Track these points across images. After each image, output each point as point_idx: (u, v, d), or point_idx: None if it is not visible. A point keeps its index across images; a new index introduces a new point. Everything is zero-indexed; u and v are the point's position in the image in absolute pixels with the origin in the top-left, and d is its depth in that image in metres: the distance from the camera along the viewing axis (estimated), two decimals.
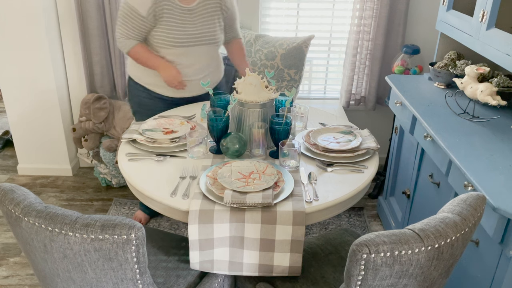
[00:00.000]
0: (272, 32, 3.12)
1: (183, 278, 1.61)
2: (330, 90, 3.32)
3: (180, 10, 2.09)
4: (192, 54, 2.17)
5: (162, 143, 1.81)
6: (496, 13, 1.92)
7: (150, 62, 2.15)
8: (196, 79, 2.23)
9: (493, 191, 1.45)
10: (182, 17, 2.10)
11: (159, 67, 2.13)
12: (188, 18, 2.11)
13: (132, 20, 2.07)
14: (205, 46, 2.19)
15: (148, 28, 2.10)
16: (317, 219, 1.52)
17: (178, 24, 2.10)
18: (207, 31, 2.17)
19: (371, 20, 2.89)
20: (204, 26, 2.15)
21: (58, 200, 2.99)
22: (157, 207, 1.56)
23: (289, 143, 1.65)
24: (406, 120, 2.26)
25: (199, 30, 2.14)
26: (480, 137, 1.82)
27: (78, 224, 1.12)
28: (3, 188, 1.22)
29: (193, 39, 2.14)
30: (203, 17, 2.15)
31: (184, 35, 2.11)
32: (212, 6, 2.17)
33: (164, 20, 2.08)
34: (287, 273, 1.50)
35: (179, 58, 2.16)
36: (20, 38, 2.84)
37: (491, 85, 1.96)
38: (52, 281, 1.27)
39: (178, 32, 2.10)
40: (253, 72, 2.34)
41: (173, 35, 2.10)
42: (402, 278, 1.11)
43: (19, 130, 3.13)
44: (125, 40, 2.13)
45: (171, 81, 2.14)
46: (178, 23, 2.10)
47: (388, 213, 2.67)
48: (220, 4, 2.19)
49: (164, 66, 2.12)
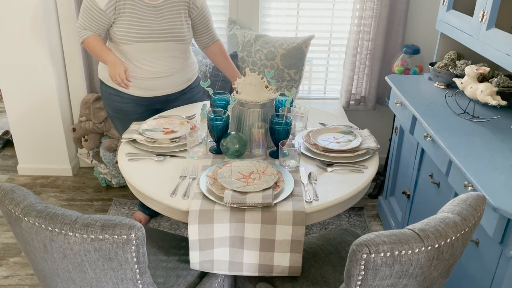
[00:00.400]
0: (272, 32, 3.12)
1: (183, 278, 1.61)
2: (330, 90, 3.32)
3: (144, 6, 2.07)
4: (156, 51, 2.14)
5: (162, 143, 1.81)
6: (496, 13, 1.92)
7: (101, 54, 2.10)
8: (164, 75, 2.21)
9: (493, 191, 1.45)
10: (145, 13, 2.08)
11: (107, 61, 2.08)
12: (152, 14, 2.09)
13: (90, 12, 2.06)
14: (171, 43, 2.15)
15: (107, 23, 2.08)
16: (317, 219, 1.52)
17: (141, 20, 2.07)
18: (172, 27, 2.13)
19: (371, 20, 2.90)
20: (169, 23, 2.13)
21: (58, 200, 2.99)
22: (157, 207, 1.56)
23: (289, 143, 1.65)
24: (406, 120, 2.26)
25: (163, 27, 2.11)
26: (480, 137, 1.82)
27: (78, 224, 1.12)
28: (3, 188, 1.22)
29: (157, 35, 2.11)
30: (168, 14, 2.12)
31: (147, 30, 2.09)
32: (178, 3, 2.15)
33: (126, 15, 2.06)
34: (287, 273, 1.50)
35: (142, 54, 2.13)
36: (20, 38, 2.84)
37: (491, 85, 1.96)
38: (52, 281, 1.27)
39: (140, 28, 2.08)
40: (253, 72, 2.34)
41: (135, 30, 2.08)
42: (402, 278, 1.11)
43: (19, 130, 3.13)
44: (82, 31, 2.12)
45: (114, 76, 2.04)
46: (141, 18, 2.07)
47: (388, 213, 2.67)
48: (187, 2, 2.17)
49: (112, 61, 2.07)
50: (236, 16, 3.05)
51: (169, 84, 2.25)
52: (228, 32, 3.01)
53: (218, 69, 2.85)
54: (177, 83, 2.29)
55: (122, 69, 2.05)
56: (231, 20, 3.03)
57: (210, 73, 2.87)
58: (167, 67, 2.20)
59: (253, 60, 2.89)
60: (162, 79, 2.22)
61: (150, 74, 2.18)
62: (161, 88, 2.25)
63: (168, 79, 2.24)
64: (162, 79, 2.22)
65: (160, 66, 2.18)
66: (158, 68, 2.18)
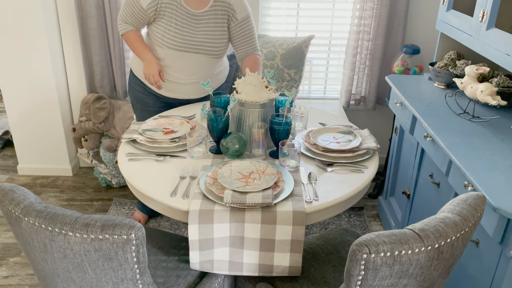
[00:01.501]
0: (272, 32, 3.12)
1: (183, 278, 1.61)
2: (330, 90, 3.32)
3: (185, 13, 2.06)
4: (186, 60, 2.14)
5: (162, 143, 1.81)
6: (496, 13, 1.92)
7: (138, 51, 2.15)
8: (188, 83, 2.22)
9: (493, 191, 1.45)
10: (184, 20, 2.07)
11: (144, 59, 2.13)
12: (191, 22, 2.08)
13: (132, 8, 2.07)
14: (202, 55, 2.14)
15: (146, 20, 2.10)
16: (317, 219, 1.52)
17: (178, 27, 2.07)
18: (207, 41, 2.12)
19: (371, 20, 2.90)
20: (206, 35, 2.11)
21: (58, 200, 2.99)
22: (157, 207, 1.56)
23: (289, 143, 1.65)
24: (406, 120, 2.26)
25: (199, 38, 2.10)
26: (480, 137, 1.82)
27: (78, 224, 1.12)
28: (3, 188, 1.22)
29: (190, 46, 2.10)
30: (207, 25, 2.10)
31: (182, 39, 2.08)
32: (221, 15, 2.12)
33: (165, 19, 2.06)
34: (287, 273, 1.50)
35: (172, 60, 2.14)
36: (20, 38, 2.84)
37: (491, 85, 1.96)
38: (52, 281, 1.27)
39: (175, 35, 2.07)
40: (253, 72, 2.33)
41: (171, 36, 2.07)
42: (402, 278, 1.11)
43: (19, 130, 3.13)
44: (123, 24, 2.15)
45: (148, 76, 2.11)
46: (178, 25, 2.07)
47: (388, 213, 2.67)
48: (228, 14, 2.13)
49: (148, 60, 2.11)
50: None
51: (191, 90, 2.26)
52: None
53: None
54: (201, 90, 2.28)
55: (157, 70, 2.10)
56: None
57: None
58: (192, 76, 2.20)
59: None
60: (185, 85, 2.22)
61: (175, 78, 2.19)
62: (184, 93, 2.27)
63: (192, 86, 2.23)
64: (186, 85, 2.22)
65: (186, 74, 2.19)
66: (184, 74, 2.19)
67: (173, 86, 2.23)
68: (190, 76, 2.20)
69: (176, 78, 2.19)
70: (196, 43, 2.10)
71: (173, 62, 2.15)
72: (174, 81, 2.20)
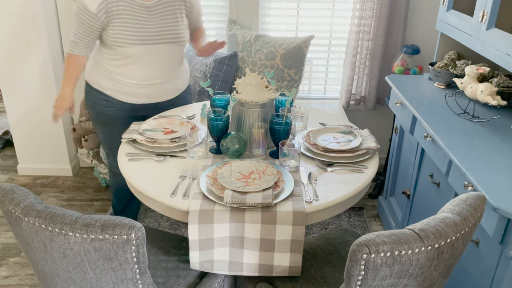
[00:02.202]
0: (272, 32, 3.12)
1: (183, 278, 1.61)
2: (330, 90, 3.32)
3: (138, 6, 2.01)
4: (154, 54, 2.08)
5: (162, 143, 1.81)
6: (496, 13, 1.92)
7: (64, 80, 2.10)
8: (156, 83, 2.15)
9: (493, 191, 1.45)
10: (139, 14, 2.01)
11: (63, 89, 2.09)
12: (146, 15, 2.02)
13: (81, 17, 1.97)
14: (167, 45, 2.09)
15: (99, 28, 2.00)
16: (317, 219, 1.52)
17: (136, 21, 2.01)
18: (168, 29, 2.07)
19: (371, 20, 2.90)
20: (165, 23, 2.06)
21: (58, 200, 2.99)
22: (157, 207, 1.56)
23: (289, 143, 1.65)
24: (406, 120, 2.26)
25: (159, 28, 2.05)
26: (480, 137, 1.82)
27: (78, 224, 1.12)
28: (3, 188, 1.22)
29: (153, 37, 2.05)
30: (163, 14, 2.06)
31: (141, 32, 2.02)
32: (173, 2, 2.09)
33: (120, 17, 1.99)
34: (287, 273, 1.50)
35: (137, 57, 2.06)
36: (20, 38, 2.84)
37: (491, 85, 1.96)
38: (52, 281, 1.27)
39: (136, 29, 2.01)
40: (253, 72, 2.33)
41: (129, 32, 2.00)
42: (402, 278, 1.11)
43: (19, 130, 3.13)
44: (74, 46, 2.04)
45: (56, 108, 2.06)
46: (135, 20, 2.00)
47: (388, 213, 2.67)
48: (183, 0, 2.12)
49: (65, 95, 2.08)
50: (236, 16, 3.05)
51: (160, 92, 2.19)
52: (228, 32, 3.01)
53: (218, 69, 2.85)
54: (168, 91, 2.23)
55: (65, 108, 2.06)
56: (231, 20, 3.04)
57: (210, 73, 2.87)
58: (160, 72, 2.14)
59: (253, 60, 2.89)
60: (153, 86, 2.16)
61: (143, 80, 2.12)
62: (151, 96, 2.19)
63: (160, 87, 2.17)
64: (154, 86, 2.15)
65: (154, 71, 2.12)
66: (152, 73, 2.12)
67: (142, 90, 2.15)
68: (158, 73, 2.13)
69: (144, 79, 2.12)
70: (159, 32, 2.05)
71: (140, 59, 2.07)
72: (143, 83, 2.13)
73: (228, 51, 2.99)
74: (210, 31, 3.15)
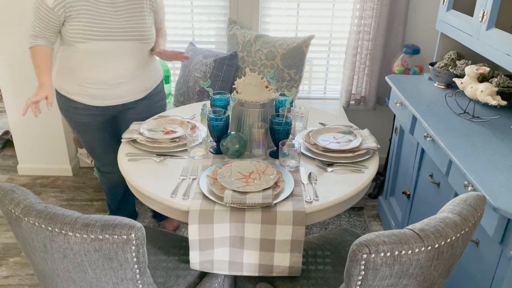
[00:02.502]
0: (272, 32, 3.12)
1: (183, 278, 1.61)
2: (330, 90, 3.32)
3: (100, 2, 1.92)
4: (114, 51, 1.98)
5: (162, 143, 1.81)
6: (496, 13, 1.92)
7: (36, 70, 1.95)
8: (120, 82, 2.05)
9: (493, 191, 1.45)
10: (101, 9, 1.93)
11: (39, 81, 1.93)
12: (109, 10, 1.94)
13: (39, 11, 1.90)
14: (132, 42, 2.00)
15: (57, 24, 1.92)
16: (317, 219, 1.52)
17: (98, 16, 1.92)
18: (133, 25, 1.98)
19: (371, 20, 2.90)
20: (130, 21, 1.98)
21: (58, 200, 2.99)
22: (157, 207, 1.56)
23: (289, 143, 1.65)
24: (406, 120, 2.26)
25: (123, 25, 1.96)
26: (480, 137, 1.82)
27: (78, 224, 1.12)
28: (3, 188, 1.22)
29: (115, 33, 1.95)
30: (128, 10, 1.98)
31: (102, 28, 1.93)
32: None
33: (81, 12, 1.90)
34: (287, 273, 1.50)
35: (99, 54, 1.96)
36: (20, 38, 2.84)
37: (491, 85, 1.96)
38: (52, 281, 1.27)
39: (96, 24, 1.92)
40: (253, 72, 2.33)
41: (89, 27, 1.91)
42: (402, 278, 1.11)
43: (19, 130, 3.13)
44: (32, 38, 1.96)
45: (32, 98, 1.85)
46: (96, 15, 1.92)
47: (388, 213, 2.67)
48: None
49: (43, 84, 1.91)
50: (236, 16, 3.05)
51: (125, 92, 2.10)
52: (228, 32, 3.01)
53: (218, 69, 2.85)
54: (135, 91, 2.13)
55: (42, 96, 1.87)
56: (231, 20, 3.04)
57: (210, 73, 2.87)
58: (125, 70, 2.04)
59: (253, 60, 2.89)
60: (118, 87, 2.06)
61: (107, 79, 2.02)
62: (116, 97, 2.09)
63: (125, 87, 2.08)
64: (118, 86, 2.06)
65: (118, 70, 2.03)
66: (116, 71, 2.03)
67: (106, 92, 2.06)
68: (122, 71, 2.03)
69: (108, 79, 2.03)
70: (123, 30, 1.97)
71: (102, 57, 1.97)
72: (107, 83, 2.03)
73: (228, 51, 2.99)
74: (210, 31, 3.16)
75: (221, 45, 3.16)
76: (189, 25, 3.13)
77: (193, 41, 3.16)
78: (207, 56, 2.91)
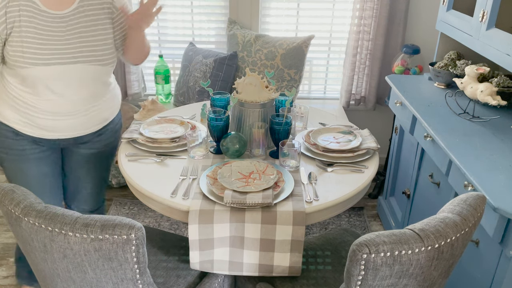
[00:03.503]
0: (272, 32, 3.12)
1: (183, 278, 1.61)
2: (330, 90, 3.32)
3: (46, 17, 1.59)
4: (63, 77, 1.64)
5: (162, 143, 1.81)
6: (496, 13, 1.92)
7: None
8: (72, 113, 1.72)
9: (493, 191, 1.45)
10: (48, 26, 1.60)
11: None
12: (57, 27, 1.61)
13: None
14: (83, 65, 1.65)
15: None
16: (317, 219, 1.52)
17: (42, 36, 1.59)
18: (86, 45, 1.65)
19: (371, 20, 2.90)
20: (81, 38, 1.64)
21: None
22: (157, 207, 1.56)
23: (289, 143, 1.65)
24: (406, 120, 2.26)
25: (73, 45, 1.63)
26: (480, 137, 1.82)
27: (78, 224, 1.12)
28: (3, 188, 1.22)
29: (65, 56, 1.61)
30: (80, 26, 1.64)
31: (50, 50, 1.60)
32: (97, 10, 1.67)
33: (22, 29, 1.57)
34: (287, 273, 1.50)
35: (45, 81, 1.62)
36: None
37: (491, 85, 1.96)
38: (52, 281, 1.27)
39: (40, 46, 1.58)
40: (253, 72, 2.34)
41: (31, 49, 1.58)
42: (402, 278, 1.11)
43: None
44: None
45: None
46: (42, 34, 1.59)
47: (388, 213, 2.67)
48: (108, 6, 1.69)
49: None
50: (236, 16, 3.06)
51: (79, 125, 1.76)
52: (228, 32, 3.02)
53: (218, 69, 2.85)
54: (89, 124, 1.79)
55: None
56: (231, 20, 3.04)
57: (210, 73, 2.87)
58: (77, 102, 1.70)
59: (253, 60, 2.89)
60: (70, 119, 1.72)
61: (55, 109, 1.68)
62: (67, 130, 1.75)
63: (79, 119, 1.74)
64: (70, 118, 1.72)
65: (69, 101, 1.69)
66: (66, 103, 1.69)
67: (54, 123, 1.72)
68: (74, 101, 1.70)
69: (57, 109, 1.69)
70: (73, 51, 1.63)
71: (48, 84, 1.63)
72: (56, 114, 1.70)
73: (228, 51, 2.99)
74: (210, 31, 3.16)
75: (221, 45, 3.16)
76: (189, 25, 3.14)
77: (193, 41, 3.16)
78: (207, 56, 2.91)
